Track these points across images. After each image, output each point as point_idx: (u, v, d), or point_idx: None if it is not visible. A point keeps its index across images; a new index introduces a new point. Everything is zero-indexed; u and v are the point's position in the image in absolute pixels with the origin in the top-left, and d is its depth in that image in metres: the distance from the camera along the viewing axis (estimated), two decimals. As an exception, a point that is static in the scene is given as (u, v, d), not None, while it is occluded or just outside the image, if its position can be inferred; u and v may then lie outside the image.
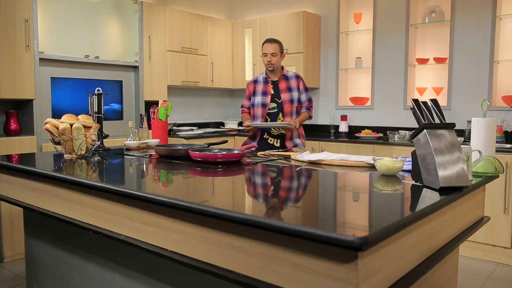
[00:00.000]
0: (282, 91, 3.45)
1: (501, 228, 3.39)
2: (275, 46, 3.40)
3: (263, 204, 1.42)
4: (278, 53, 3.39)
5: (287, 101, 3.43)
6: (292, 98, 3.43)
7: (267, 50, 3.39)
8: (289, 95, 3.43)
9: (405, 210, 1.35)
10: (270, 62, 3.39)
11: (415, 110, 1.61)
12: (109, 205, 1.60)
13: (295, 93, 3.44)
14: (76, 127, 2.33)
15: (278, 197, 1.52)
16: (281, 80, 3.47)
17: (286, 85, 3.46)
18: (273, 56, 3.39)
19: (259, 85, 3.50)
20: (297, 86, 3.47)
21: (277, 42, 3.42)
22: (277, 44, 3.41)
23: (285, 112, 3.44)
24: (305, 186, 1.69)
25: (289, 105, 3.43)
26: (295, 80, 3.49)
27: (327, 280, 1.02)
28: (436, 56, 4.24)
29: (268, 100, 3.44)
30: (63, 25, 3.73)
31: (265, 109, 3.43)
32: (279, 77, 3.47)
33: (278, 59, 3.42)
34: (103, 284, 1.99)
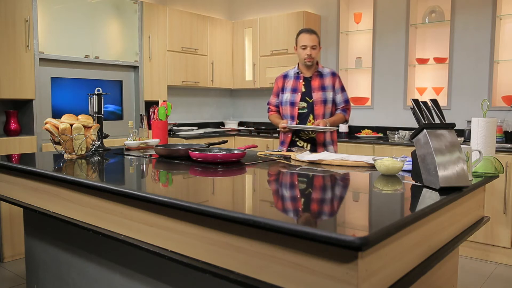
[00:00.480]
0: (315, 90, 3.03)
1: (501, 228, 3.39)
2: (315, 38, 3.00)
3: (263, 204, 1.42)
4: (318, 45, 3.02)
5: (319, 101, 3.01)
6: (325, 98, 3.02)
7: (307, 42, 2.98)
8: (322, 95, 3.02)
9: (405, 210, 1.35)
10: (310, 56, 2.98)
11: (415, 110, 1.61)
12: (109, 205, 1.60)
13: (329, 92, 3.03)
14: (76, 127, 2.33)
15: (278, 197, 1.52)
16: (314, 77, 3.06)
17: (319, 83, 3.05)
18: (313, 49, 2.99)
19: (289, 80, 3.11)
20: (332, 85, 3.06)
21: (315, 33, 3.04)
22: (316, 35, 3.03)
23: (316, 114, 3.02)
24: (305, 186, 1.69)
25: (321, 106, 3.02)
26: (331, 77, 3.07)
27: (327, 280, 1.02)
28: (436, 56, 4.24)
29: (297, 98, 3.03)
30: (63, 25, 3.73)
31: (294, 108, 3.04)
32: (313, 73, 3.06)
33: (317, 52, 3.04)
34: (103, 284, 1.99)
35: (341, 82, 3.11)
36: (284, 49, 4.85)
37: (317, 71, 3.06)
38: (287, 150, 2.95)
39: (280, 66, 4.91)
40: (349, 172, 1.90)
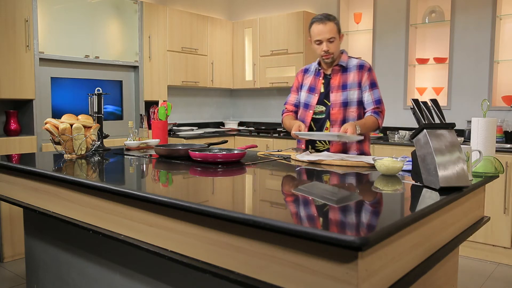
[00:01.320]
0: (333, 89, 2.40)
1: (501, 228, 3.39)
2: (331, 27, 2.32)
3: (263, 204, 1.42)
4: (337, 34, 2.35)
5: (337, 104, 2.38)
6: (346, 100, 2.37)
7: (322, 35, 2.32)
8: (342, 95, 2.38)
9: (405, 210, 1.35)
10: (328, 52, 2.34)
11: (415, 110, 1.61)
12: (109, 205, 1.60)
13: (353, 92, 2.38)
14: (76, 127, 2.33)
15: (278, 197, 1.52)
16: (335, 74, 2.42)
17: (340, 81, 2.40)
18: (330, 43, 2.33)
19: (308, 76, 2.52)
20: (358, 81, 2.38)
21: (332, 19, 2.35)
22: (333, 23, 2.33)
23: (332, 120, 2.40)
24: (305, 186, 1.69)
25: (340, 109, 2.37)
26: (357, 72, 2.39)
27: (327, 280, 1.02)
28: (436, 56, 4.24)
29: (314, 100, 2.44)
30: (63, 25, 3.73)
31: (307, 111, 2.47)
32: (333, 68, 2.42)
33: (337, 44, 2.36)
34: (103, 284, 1.99)
35: (372, 77, 2.41)
36: (284, 49, 4.85)
37: (338, 65, 2.41)
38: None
39: (280, 66, 4.91)
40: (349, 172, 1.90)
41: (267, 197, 1.55)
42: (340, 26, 2.42)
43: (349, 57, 2.48)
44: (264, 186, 1.77)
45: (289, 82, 4.82)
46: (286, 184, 1.76)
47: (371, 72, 2.44)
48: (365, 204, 1.43)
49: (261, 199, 1.50)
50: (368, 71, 2.43)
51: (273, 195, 1.58)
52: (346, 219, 1.23)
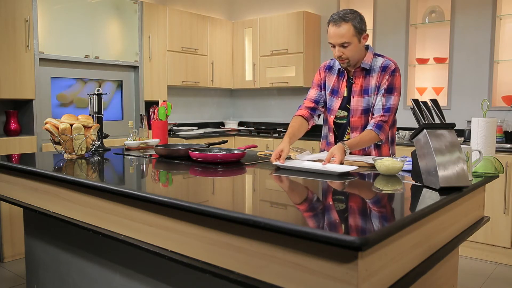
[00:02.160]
0: (355, 94, 2.21)
1: (501, 228, 3.39)
2: (346, 30, 2.05)
3: (263, 204, 1.42)
4: (353, 39, 2.07)
5: (358, 111, 2.20)
6: (367, 106, 2.19)
7: (333, 39, 2.09)
8: (363, 102, 2.19)
9: (405, 210, 1.35)
10: (341, 58, 2.12)
11: (415, 110, 1.61)
12: (109, 205, 1.60)
13: (374, 97, 2.18)
14: (76, 127, 2.33)
15: (278, 197, 1.52)
16: (357, 77, 2.21)
17: (362, 85, 2.20)
18: (343, 47, 2.09)
19: (331, 75, 2.30)
20: (379, 84, 2.17)
21: (347, 19, 2.05)
22: (348, 24, 2.05)
23: (352, 127, 2.24)
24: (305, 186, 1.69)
25: (361, 117, 2.20)
26: (379, 74, 2.16)
27: (327, 280, 1.02)
28: (436, 56, 4.24)
29: (336, 104, 2.26)
30: (63, 25, 3.73)
31: (329, 115, 2.30)
32: (355, 70, 2.21)
33: (353, 48, 2.09)
34: (103, 284, 1.99)
35: (392, 80, 2.15)
36: (284, 49, 4.85)
37: (360, 67, 2.19)
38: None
39: (280, 66, 4.91)
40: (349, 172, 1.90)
41: (267, 197, 1.55)
42: (363, 25, 2.10)
43: (374, 56, 2.21)
44: (264, 186, 1.77)
45: (289, 82, 4.82)
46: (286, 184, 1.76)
47: (394, 75, 2.16)
48: (365, 204, 1.43)
49: (261, 199, 1.50)
50: (390, 73, 2.16)
51: (273, 195, 1.58)
52: (346, 219, 1.23)
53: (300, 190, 1.64)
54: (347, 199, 1.49)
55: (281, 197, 1.52)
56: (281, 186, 1.71)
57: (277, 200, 1.47)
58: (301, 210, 1.32)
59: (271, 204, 1.39)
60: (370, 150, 2.28)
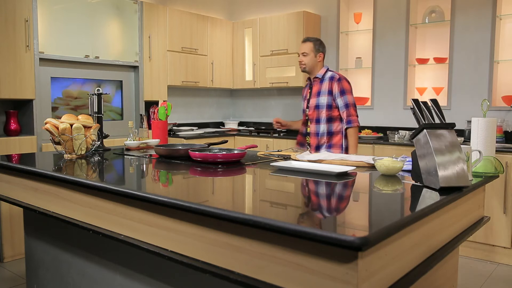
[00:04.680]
0: (312, 96, 3.21)
1: (501, 228, 3.39)
2: (306, 45, 3.19)
3: (263, 204, 1.41)
4: (310, 52, 3.16)
5: (312, 107, 3.18)
6: (317, 104, 3.15)
7: (299, 50, 3.24)
8: (316, 100, 3.16)
9: (405, 210, 1.35)
10: (301, 62, 3.20)
11: (415, 110, 1.61)
12: (109, 205, 1.60)
13: (323, 98, 3.12)
14: (76, 127, 2.33)
15: (278, 197, 1.52)
16: (315, 83, 3.22)
17: (317, 89, 3.19)
18: (303, 56, 3.19)
19: (305, 88, 3.35)
20: (329, 90, 3.12)
21: (310, 40, 3.21)
22: (309, 42, 3.19)
23: (310, 119, 3.22)
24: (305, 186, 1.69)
25: (314, 111, 3.16)
26: (328, 82, 3.14)
27: (327, 280, 1.02)
28: (436, 56, 4.24)
29: (305, 105, 3.26)
30: (63, 25, 3.73)
31: (304, 114, 3.27)
32: (313, 79, 3.23)
33: (310, 59, 3.17)
34: (103, 284, 1.99)
35: (342, 86, 3.09)
36: (284, 49, 4.85)
37: (316, 77, 3.17)
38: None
39: (280, 66, 4.91)
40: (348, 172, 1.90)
41: (267, 197, 1.55)
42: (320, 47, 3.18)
43: (326, 71, 3.18)
44: (264, 186, 1.77)
45: (289, 82, 4.82)
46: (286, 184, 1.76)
47: (340, 82, 3.09)
48: (365, 204, 1.43)
49: (261, 199, 1.50)
50: (338, 81, 3.09)
51: (272, 195, 1.58)
52: (346, 219, 1.23)
53: (299, 190, 1.64)
54: (347, 199, 1.49)
55: (281, 197, 1.52)
56: (281, 186, 1.71)
57: (277, 200, 1.48)
58: (301, 210, 1.32)
59: (271, 204, 1.39)
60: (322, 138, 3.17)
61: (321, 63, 3.21)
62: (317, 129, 3.17)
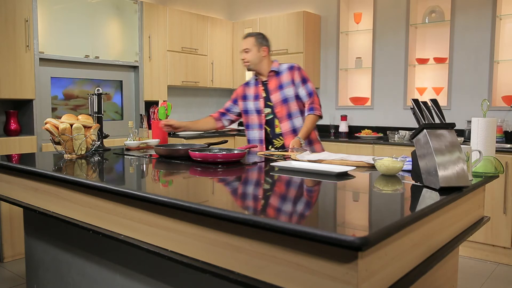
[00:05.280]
0: (272, 91, 2.81)
1: (501, 228, 3.39)
2: (247, 41, 2.85)
3: (263, 204, 1.41)
4: (253, 47, 2.81)
5: (278, 103, 2.79)
6: (284, 97, 2.78)
7: (241, 46, 2.88)
8: (281, 94, 2.79)
9: (405, 210, 1.35)
10: (244, 60, 2.84)
11: (415, 110, 1.61)
12: (109, 205, 1.60)
13: (288, 89, 2.78)
14: (76, 127, 2.33)
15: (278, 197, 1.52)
16: (270, 78, 2.84)
17: (276, 83, 2.82)
18: (245, 53, 2.84)
19: (250, 88, 2.92)
20: (291, 80, 2.80)
21: (252, 35, 2.87)
22: (251, 37, 2.85)
23: (279, 117, 2.80)
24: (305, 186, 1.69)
25: (282, 106, 2.78)
26: (288, 72, 2.82)
27: (327, 280, 1.02)
28: (436, 56, 4.24)
29: (261, 104, 2.84)
30: (63, 25, 3.73)
31: (260, 115, 2.84)
32: (268, 74, 2.85)
33: (253, 54, 2.82)
34: (103, 284, 1.99)
35: (302, 74, 2.81)
36: (284, 49, 4.85)
37: (272, 70, 2.84)
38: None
39: (280, 66, 4.90)
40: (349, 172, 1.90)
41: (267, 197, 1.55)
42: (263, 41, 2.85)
43: (280, 64, 2.89)
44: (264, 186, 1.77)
45: (289, 82, 4.82)
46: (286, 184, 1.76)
47: (300, 70, 2.83)
48: (365, 204, 1.43)
49: (261, 199, 1.50)
50: (297, 70, 2.82)
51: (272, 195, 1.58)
52: (346, 219, 1.23)
53: (299, 190, 1.64)
54: (347, 199, 1.49)
55: (281, 197, 1.52)
56: (280, 186, 1.71)
57: (277, 200, 1.47)
58: (301, 210, 1.32)
59: (271, 204, 1.39)
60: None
61: (266, 58, 2.85)
62: (292, 126, 2.79)
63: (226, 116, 2.99)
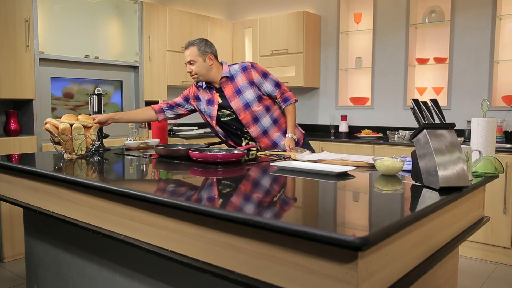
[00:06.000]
0: (231, 98, 2.59)
1: (501, 228, 3.39)
2: (191, 51, 2.56)
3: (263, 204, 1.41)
4: (197, 58, 2.55)
5: (240, 109, 2.58)
6: (245, 102, 2.58)
7: (185, 59, 2.60)
8: (241, 99, 2.58)
9: (405, 210, 1.35)
10: (191, 73, 2.59)
11: (415, 110, 1.61)
12: (109, 205, 1.60)
13: (248, 92, 2.58)
14: (76, 127, 2.33)
15: (278, 197, 1.52)
16: (225, 85, 2.61)
17: (232, 88, 2.60)
18: (190, 64, 2.57)
19: (202, 91, 2.71)
20: (248, 81, 2.59)
21: (193, 44, 2.57)
22: (193, 47, 2.56)
23: (245, 123, 2.62)
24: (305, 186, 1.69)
25: (246, 112, 2.58)
26: (242, 74, 2.60)
27: (327, 280, 1.02)
28: (436, 56, 4.24)
29: (214, 111, 2.63)
30: (63, 25, 3.73)
31: (212, 121, 2.67)
32: (220, 81, 2.61)
33: (199, 66, 2.56)
34: (103, 284, 1.99)
35: (260, 70, 2.62)
36: (284, 49, 4.85)
37: (224, 76, 2.60)
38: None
39: (280, 66, 4.91)
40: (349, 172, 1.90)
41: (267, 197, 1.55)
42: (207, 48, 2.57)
43: (229, 66, 2.65)
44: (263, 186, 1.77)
45: (289, 82, 4.82)
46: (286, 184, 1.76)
47: (256, 67, 2.63)
48: (365, 204, 1.43)
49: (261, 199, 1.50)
50: (253, 68, 2.62)
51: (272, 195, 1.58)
52: (346, 219, 1.23)
53: (299, 190, 1.64)
54: (347, 199, 1.49)
55: (281, 197, 1.52)
56: (280, 186, 1.71)
57: (277, 200, 1.47)
58: (301, 210, 1.32)
59: (271, 204, 1.39)
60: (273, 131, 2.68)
61: (214, 64, 2.59)
62: (261, 128, 2.64)
63: (174, 110, 2.78)
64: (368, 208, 1.36)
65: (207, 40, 2.62)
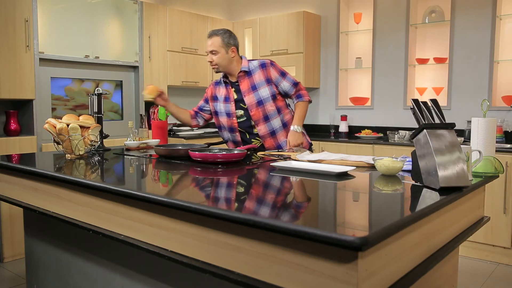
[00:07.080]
0: (245, 93, 2.60)
1: (501, 228, 3.39)
2: (214, 41, 2.60)
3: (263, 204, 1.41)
4: (220, 49, 2.58)
5: (253, 105, 2.58)
6: (259, 99, 2.58)
7: (207, 47, 2.62)
8: (255, 96, 2.58)
9: (405, 210, 1.35)
10: (212, 63, 2.63)
11: (415, 110, 1.61)
12: (109, 205, 1.60)
13: (264, 89, 2.58)
14: (72, 127, 2.33)
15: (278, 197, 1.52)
16: (241, 79, 2.62)
17: (248, 84, 2.60)
18: (213, 54, 2.61)
19: (219, 88, 2.72)
20: (266, 78, 2.59)
21: (217, 33, 2.61)
22: (217, 37, 2.60)
23: (254, 120, 2.60)
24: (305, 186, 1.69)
25: (258, 109, 2.58)
26: (260, 71, 2.60)
27: (327, 280, 1.02)
28: (436, 56, 4.24)
29: (232, 107, 2.63)
30: (63, 25, 3.73)
31: (231, 119, 2.65)
32: (238, 75, 2.62)
33: (221, 57, 2.59)
34: (103, 284, 1.99)
35: (278, 69, 2.63)
36: (284, 49, 4.85)
37: (242, 71, 2.60)
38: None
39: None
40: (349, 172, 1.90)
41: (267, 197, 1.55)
42: (231, 40, 2.60)
43: (249, 61, 2.66)
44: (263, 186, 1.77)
45: (289, 82, 4.82)
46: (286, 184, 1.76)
47: (274, 65, 2.64)
48: (365, 204, 1.43)
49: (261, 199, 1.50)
50: (271, 66, 2.62)
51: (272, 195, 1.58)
52: (346, 219, 1.23)
53: (299, 190, 1.64)
54: (347, 199, 1.49)
55: (281, 197, 1.52)
56: (280, 186, 1.71)
57: (277, 200, 1.47)
58: (301, 210, 1.32)
59: (271, 204, 1.39)
60: (280, 134, 2.69)
61: (236, 57, 2.62)
62: (270, 128, 2.63)
63: (199, 115, 2.88)
64: (368, 208, 1.36)
65: (231, 32, 2.64)
